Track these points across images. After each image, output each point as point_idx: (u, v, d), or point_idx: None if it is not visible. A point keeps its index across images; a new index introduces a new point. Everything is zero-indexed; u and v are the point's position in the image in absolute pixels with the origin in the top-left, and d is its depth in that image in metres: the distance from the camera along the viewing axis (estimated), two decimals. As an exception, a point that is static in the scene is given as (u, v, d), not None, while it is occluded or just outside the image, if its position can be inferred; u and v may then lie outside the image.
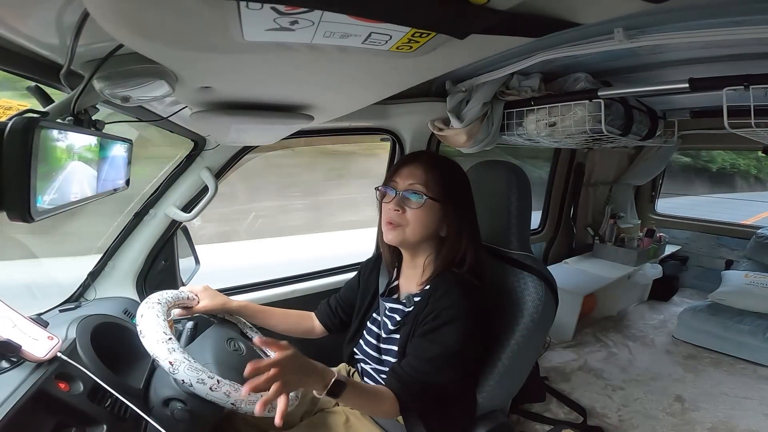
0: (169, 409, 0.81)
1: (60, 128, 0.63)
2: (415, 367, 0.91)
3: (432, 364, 0.90)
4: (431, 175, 0.96)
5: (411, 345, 0.95)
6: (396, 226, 0.97)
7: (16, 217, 0.54)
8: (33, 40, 0.61)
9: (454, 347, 0.90)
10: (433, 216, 0.96)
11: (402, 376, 0.91)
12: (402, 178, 0.98)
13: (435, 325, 0.92)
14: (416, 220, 0.95)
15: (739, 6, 0.90)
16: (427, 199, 0.95)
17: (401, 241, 0.98)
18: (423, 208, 0.95)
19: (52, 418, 0.68)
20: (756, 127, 1.19)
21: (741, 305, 2.58)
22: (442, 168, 0.98)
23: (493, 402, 1.08)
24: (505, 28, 0.51)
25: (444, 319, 0.91)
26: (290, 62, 0.59)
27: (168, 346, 0.74)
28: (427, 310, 0.94)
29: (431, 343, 0.91)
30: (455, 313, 0.91)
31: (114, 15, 0.41)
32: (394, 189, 0.98)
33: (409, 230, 0.96)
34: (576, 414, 1.95)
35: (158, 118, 1.01)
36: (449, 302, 0.93)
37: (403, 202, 0.96)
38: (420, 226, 0.96)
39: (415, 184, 0.96)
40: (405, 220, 0.96)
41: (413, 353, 0.93)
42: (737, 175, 11.12)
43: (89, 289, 1.27)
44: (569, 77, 1.55)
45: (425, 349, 0.91)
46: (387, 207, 0.99)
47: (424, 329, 0.93)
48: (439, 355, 0.90)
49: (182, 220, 1.36)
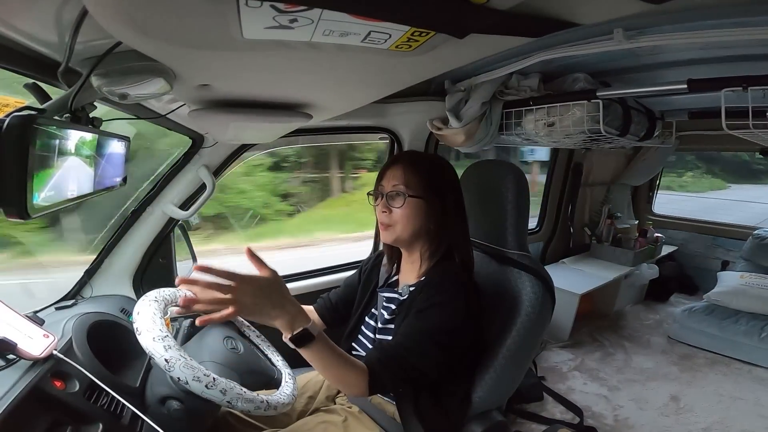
0: (165, 408, 0.81)
1: (57, 125, 0.63)
2: (396, 343, 0.92)
3: (411, 339, 0.91)
4: (411, 174, 1.00)
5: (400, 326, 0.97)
6: (387, 226, 1.02)
7: (13, 214, 0.54)
8: (31, 38, 0.60)
9: (437, 326, 0.91)
10: (418, 212, 1.00)
11: (381, 351, 0.91)
12: (386, 180, 1.03)
13: (423, 306, 0.94)
14: (402, 218, 1.00)
15: (738, 7, 0.90)
16: (407, 198, 0.98)
17: (395, 239, 1.03)
18: (406, 207, 0.99)
19: (48, 417, 0.67)
20: (753, 129, 1.19)
21: (737, 306, 2.60)
22: (422, 165, 1.02)
23: (489, 401, 1.08)
24: (504, 27, 0.51)
25: (432, 302, 0.94)
26: (289, 60, 0.59)
27: (164, 343, 0.74)
28: (420, 296, 0.97)
29: (417, 320, 0.93)
30: (442, 298, 0.94)
31: (112, 12, 0.41)
32: (380, 192, 1.03)
33: (399, 228, 1.01)
34: (572, 414, 1.96)
35: (156, 115, 1.01)
36: (440, 289, 0.96)
37: (388, 203, 1.01)
38: (407, 223, 1.00)
39: (398, 185, 1.00)
40: (393, 220, 1.01)
41: (399, 332, 0.95)
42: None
43: (86, 287, 1.27)
44: (568, 77, 1.55)
45: (411, 326, 0.93)
46: (378, 210, 1.04)
47: (413, 311, 0.95)
48: (420, 332, 0.91)
49: (180, 218, 1.35)
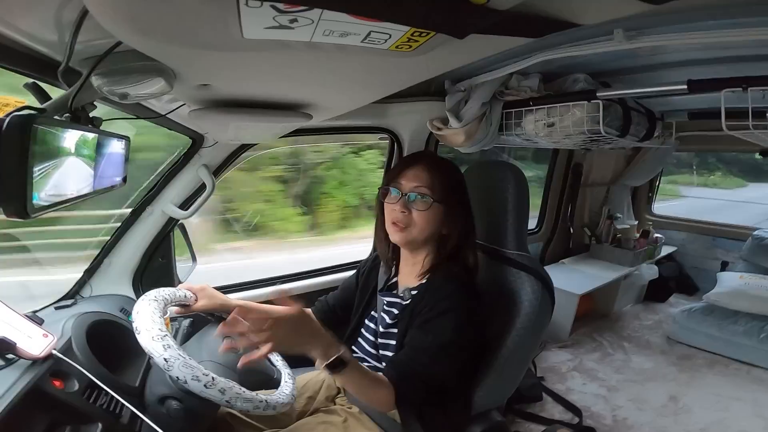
0: (164, 407, 0.81)
1: (57, 125, 0.62)
2: (411, 357, 0.92)
3: (427, 353, 0.91)
4: (436, 177, 0.98)
5: (408, 337, 0.96)
6: (404, 227, 0.99)
7: (12, 213, 0.54)
8: (31, 37, 0.60)
9: (449, 337, 0.91)
10: (438, 216, 0.99)
11: (399, 367, 0.92)
12: (407, 179, 0.99)
13: (430, 316, 0.93)
14: (423, 221, 0.98)
15: (738, 8, 0.90)
16: (433, 202, 0.97)
17: (409, 241, 1.01)
18: (430, 210, 0.97)
19: (47, 416, 0.67)
20: (753, 129, 1.19)
21: (736, 306, 2.59)
22: (445, 170, 1.02)
23: (489, 401, 1.08)
24: (504, 28, 0.51)
25: (439, 311, 0.93)
26: (289, 60, 0.59)
27: (163, 342, 0.74)
28: (424, 302, 0.96)
29: (426, 334, 0.93)
30: (449, 305, 0.93)
31: (113, 12, 0.41)
32: (398, 190, 1.00)
33: (417, 231, 0.99)
34: (571, 414, 1.96)
35: (156, 115, 1.01)
36: (444, 294, 0.95)
37: (409, 203, 0.98)
38: (427, 227, 0.99)
39: (421, 187, 0.98)
40: (411, 222, 0.98)
41: (410, 344, 0.94)
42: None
43: (85, 287, 1.27)
44: (568, 78, 1.55)
45: (421, 340, 0.93)
46: (392, 208, 1.00)
47: (420, 321, 0.95)
48: (434, 345, 0.91)
49: (179, 218, 1.35)
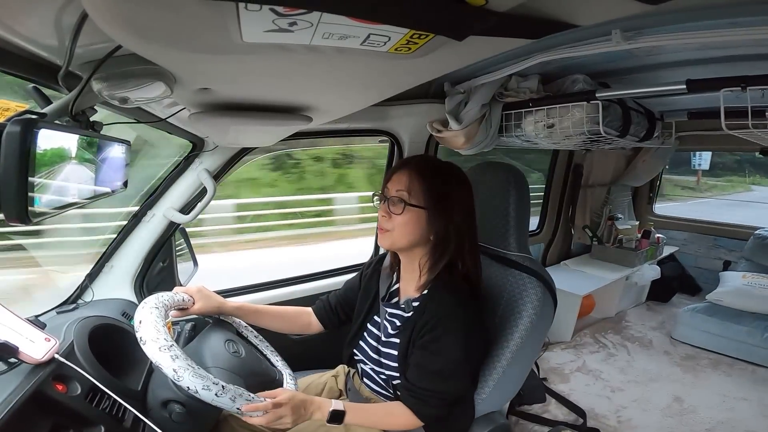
0: (167, 411, 0.81)
1: (58, 129, 0.63)
2: (427, 381, 0.94)
3: (440, 375, 0.93)
4: (416, 182, 0.96)
5: (414, 357, 0.96)
6: (385, 230, 0.99)
7: (14, 219, 0.54)
8: (31, 41, 0.60)
9: (457, 356, 0.92)
10: (417, 222, 0.96)
11: (417, 392, 0.94)
12: (392, 183, 0.99)
13: (434, 336, 0.93)
14: (399, 225, 0.97)
15: (736, 7, 0.90)
16: (406, 206, 0.96)
17: (390, 244, 1.00)
18: (405, 215, 0.96)
19: (49, 420, 0.68)
20: (753, 129, 1.19)
21: (739, 306, 2.59)
22: (430, 174, 0.97)
23: (492, 403, 1.08)
24: (503, 29, 0.51)
25: (443, 329, 0.93)
26: (289, 64, 0.59)
27: (170, 353, 0.74)
28: (425, 318, 0.96)
29: (435, 356, 0.93)
30: (451, 322, 0.93)
31: (112, 16, 0.41)
32: (384, 194, 1.01)
33: (396, 235, 0.98)
34: (575, 415, 1.95)
35: (157, 119, 1.01)
36: (444, 311, 0.94)
37: (389, 208, 0.98)
38: (404, 231, 0.97)
39: (401, 191, 0.97)
40: (391, 225, 0.98)
41: (421, 366, 0.95)
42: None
43: (87, 291, 1.27)
44: (567, 78, 1.55)
45: (431, 362, 0.93)
46: (379, 211, 1.02)
47: (424, 340, 0.95)
48: (445, 366, 0.93)
49: (180, 222, 1.36)
